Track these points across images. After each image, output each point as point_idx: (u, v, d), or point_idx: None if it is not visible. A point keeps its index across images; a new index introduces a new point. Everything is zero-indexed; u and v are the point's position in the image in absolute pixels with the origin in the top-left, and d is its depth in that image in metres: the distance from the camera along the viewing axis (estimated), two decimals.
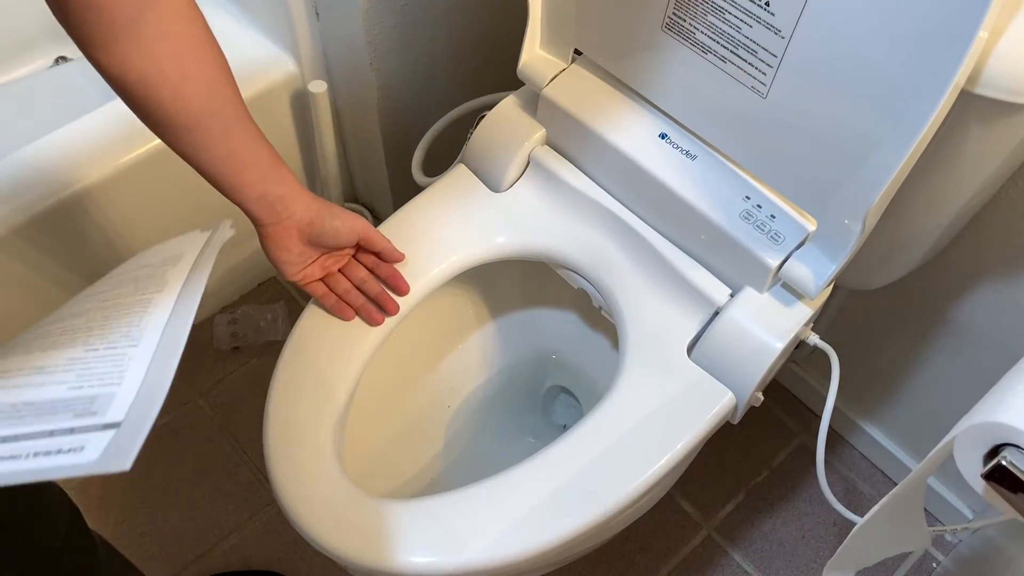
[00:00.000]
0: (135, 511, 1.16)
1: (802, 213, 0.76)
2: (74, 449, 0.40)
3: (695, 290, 0.80)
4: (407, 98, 1.13)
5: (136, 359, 0.45)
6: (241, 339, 1.30)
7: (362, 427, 0.83)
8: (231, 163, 0.69)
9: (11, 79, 1.34)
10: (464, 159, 0.91)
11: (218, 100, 0.66)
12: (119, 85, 0.62)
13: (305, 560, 1.14)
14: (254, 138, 0.70)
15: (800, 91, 0.67)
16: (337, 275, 0.80)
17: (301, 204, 0.73)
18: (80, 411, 0.43)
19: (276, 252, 0.75)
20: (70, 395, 0.44)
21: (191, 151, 0.67)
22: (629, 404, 0.77)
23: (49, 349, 0.47)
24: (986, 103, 0.61)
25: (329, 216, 0.75)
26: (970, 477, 0.52)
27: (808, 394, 1.28)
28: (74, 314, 0.50)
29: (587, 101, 0.83)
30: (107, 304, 0.50)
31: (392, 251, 0.81)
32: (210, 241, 0.56)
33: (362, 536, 0.70)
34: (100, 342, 0.47)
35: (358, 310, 0.81)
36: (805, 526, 1.20)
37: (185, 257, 0.54)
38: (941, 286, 0.95)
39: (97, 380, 0.44)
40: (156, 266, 0.53)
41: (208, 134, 0.66)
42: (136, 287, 0.51)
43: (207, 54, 0.64)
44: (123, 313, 0.49)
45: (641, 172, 0.80)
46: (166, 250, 0.56)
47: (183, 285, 0.51)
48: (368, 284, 0.81)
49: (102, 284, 0.54)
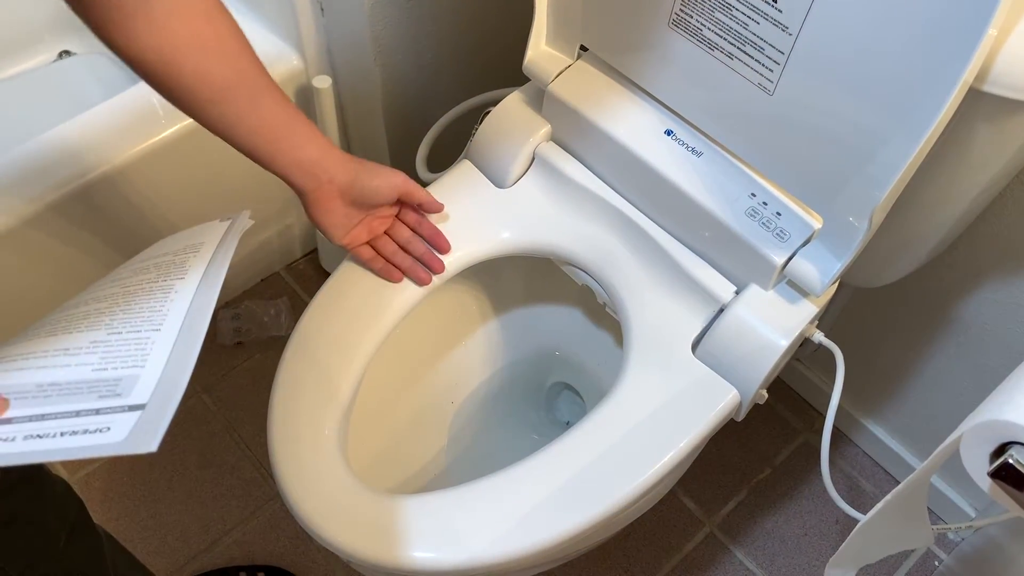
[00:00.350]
0: (138, 505, 1.17)
1: (808, 210, 0.76)
2: (100, 429, 0.41)
3: (700, 287, 0.80)
4: (412, 94, 1.13)
5: (159, 343, 0.46)
6: (244, 334, 1.30)
7: (366, 423, 0.83)
8: (263, 133, 0.69)
9: (15, 73, 1.34)
10: (469, 155, 0.91)
11: (241, 71, 0.66)
12: (139, 66, 0.62)
13: (308, 555, 1.14)
14: (283, 106, 0.70)
15: (807, 88, 0.66)
16: (383, 237, 0.81)
17: (339, 166, 0.74)
18: (105, 392, 0.43)
19: (321, 217, 0.76)
20: (95, 376, 0.44)
21: (220, 125, 0.67)
22: (633, 401, 0.77)
23: (73, 331, 0.48)
24: (994, 101, 0.61)
25: (368, 174, 0.75)
26: (976, 475, 0.52)
27: (812, 392, 1.27)
28: (96, 298, 0.51)
29: (593, 97, 0.83)
30: (129, 290, 0.51)
31: (432, 202, 0.82)
32: (230, 229, 0.57)
33: (366, 531, 0.70)
34: (123, 326, 0.48)
35: (406, 271, 0.82)
36: (808, 523, 1.20)
37: (206, 245, 0.55)
38: (946, 284, 0.95)
39: (121, 362, 0.45)
40: (177, 253, 0.54)
41: (235, 106, 0.66)
42: (158, 273, 0.52)
43: (222, 25, 0.64)
44: (145, 299, 0.50)
45: (646, 169, 0.80)
46: (187, 238, 0.57)
47: (204, 272, 0.51)
48: (413, 244, 0.82)
49: (123, 271, 0.55)
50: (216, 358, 1.29)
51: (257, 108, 0.67)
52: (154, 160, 1.05)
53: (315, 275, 1.38)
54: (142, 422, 0.41)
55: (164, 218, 1.12)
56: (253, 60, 0.67)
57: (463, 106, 1.08)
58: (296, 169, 0.72)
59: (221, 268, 0.52)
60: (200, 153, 1.08)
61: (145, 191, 1.07)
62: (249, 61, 0.66)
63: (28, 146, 0.99)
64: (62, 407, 0.42)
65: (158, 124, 1.03)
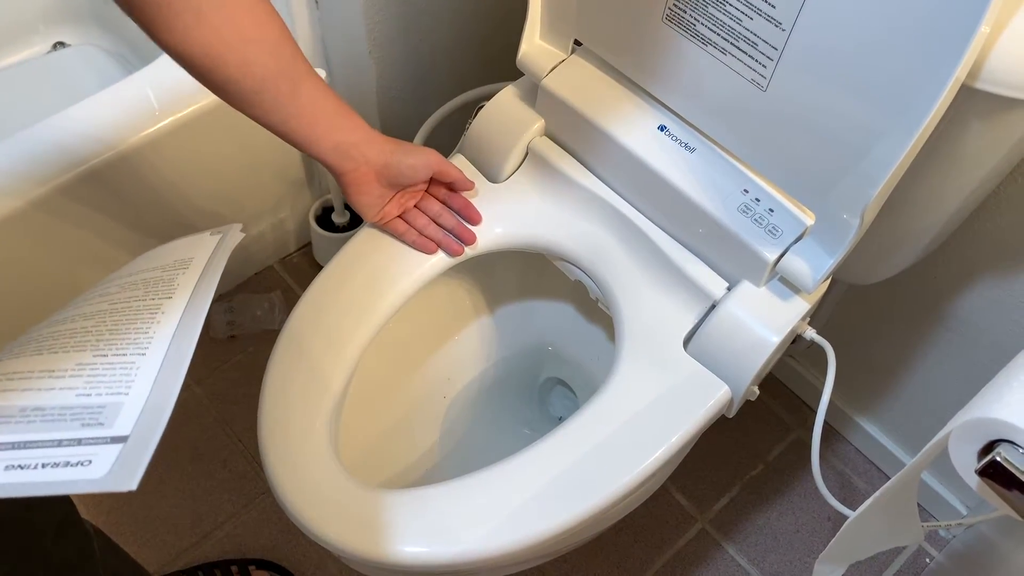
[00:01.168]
0: (129, 498, 1.16)
1: (800, 207, 0.76)
2: (82, 462, 0.40)
3: (692, 283, 0.80)
4: (406, 87, 1.13)
5: (144, 368, 0.45)
6: (237, 327, 1.30)
7: (357, 417, 0.83)
8: (302, 119, 0.71)
9: (9, 64, 1.33)
10: (462, 149, 0.90)
11: (282, 59, 0.67)
12: (185, 61, 0.63)
13: (300, 549, 1.14)
14: (320, 91, 0.71)
15: (800, 84, 0.66)
16: (414, 211, 0.83)
17: (375, 148, 0.76)
18: (88, 421, 0.42)
19: (357, 197, 0.78)
20: (78, 402, 0.43)
21: (260, 112, 0.69)
22: (625, 397, 0.77)
23: (59, 351, 0.47)
24: (986, 98, 0.60)
25: (403, 154, 0.77)
26: (965, 473, 0.52)
27: (804, 388, 1.28)
28: (84, 314, 0.50)
29: (586, 92, 0.83)
30: (116, 307, 0.50)
31: (464, 180, 0.83)
32: (220, 245, 0.57)
33: (356, 526, 0.70)
34: (109, 348, 0.47)
35: (439, 243, 0.83)
36: (799, 520, 1.20)
37: (195, 262, 0.54)
38: (938, 281, 0.95)
39: (105, 388, 0.44)
40: (166, 269, 0.54)
41: (277, 94, 0.68)
42: (146, 291, 0.51)
43: (264, 15, 0.65)
44: (132, 318, 0.49)
45: (639, 164, 0.80)
46: (177, 252, 0.56)
47: (192, 292, 0.51)
48: (444, 217, 0.83)
49: (111, 285, 0.54)
50: (209, 351, 1.29)
51: (297, 95, 0.69)
52: (148, 152, 1.04)
53: (309, 269, 1.38)
54: (123, 456, 0.40)
55: (160, 210, 1.12)
56: (293, 47, 0.69)
57: (457, 100, 1.07)
58: (333, 152, 0.74)
59: (209, 287, 0.52)
60: (195, 145, 1.08)
61: (140, 183, 1.07)
62: (290, 49, 0.68)
63: (18, 138, 0.99)
64: (45, 435, 0.41)
65: (152, 116, 1.03)
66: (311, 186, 1.32)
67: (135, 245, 1.12)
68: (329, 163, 0.75)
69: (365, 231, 0.85)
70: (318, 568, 1.13)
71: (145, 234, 1.12)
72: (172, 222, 1.15)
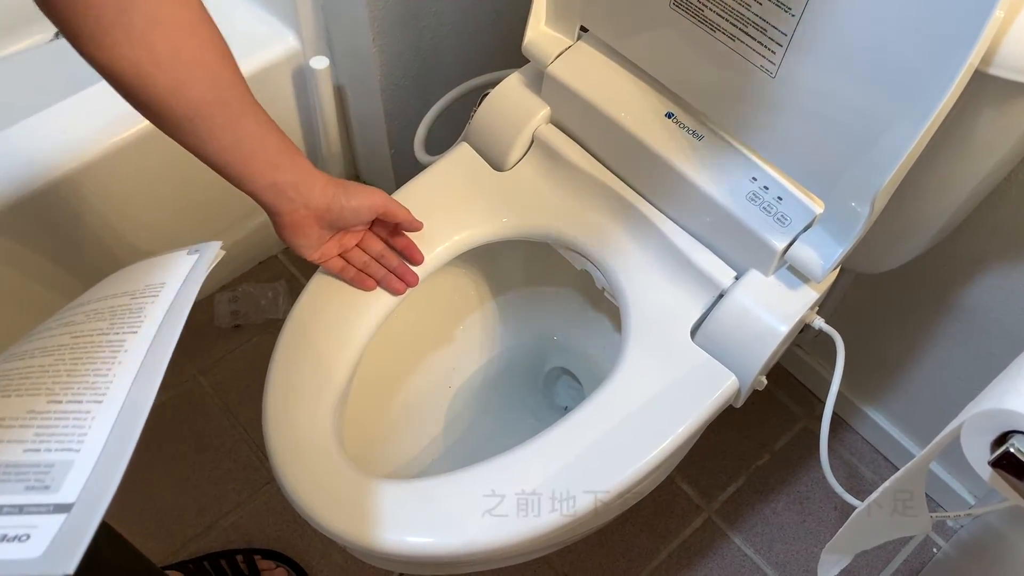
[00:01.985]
0: (133, 488, 1.16)
1: (809, 195, 0.75)
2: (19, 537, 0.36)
3: (700, 272, 0.79)
4: (410, 75, 1.12)
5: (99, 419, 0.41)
6: (242, 317, 1.30)
7: (362, 407, 0.83)
8: (237, 152, 0.65)
9: (10, 53, 1.33)
10: (467, 137, 0.90)
11: (220, 87, 0.62)
12: (112, 77, 0.59)
13: (305, 539, 1.14)
14: (261, 124, 0.67)
15: (810, 71, 0.65)
16: (355, 250, 0.79)
17: (317, 190, 0.71)
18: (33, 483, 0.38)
19: (293, 239, 0.74)
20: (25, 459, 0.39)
21: (193, 141, 0.64)
22: (631, 386, 0.76)
23: (12, 395, 0.43)
24: (1000, 84, 0.60)
25: (346, 197, 0.73)
26: (976, 464, 0.51)
27: (812, 378, 1.27)
28: (44, 349, 0.46)
29: (593, 79, 0.82)
30: (78, 341, 0.46)
31: (412, 222, 0.79)
32: (196, 267, 0.51)
33: (361, 516, 0.70)
34: (65, 392, 0.42)
35: (380, 281, 0.80)
36: (806, 510, 1.19)
37: (166, 289, 0.49)
38: (948, 270, 0.94)
39: (56, 442, 0.40)
40: (135, 295, 0.49)
41: (211, 123, 0.63)
42: (111, 322, 0.47)
43: (204, 38, 0.61)
44: (93, 356, 0.44)
45: (647, 152, 0.79)
46: (149, 273, 0.51)
47: (159, 327, 0.46)
48: (386, 257, 0.80)
49: (77, 313, 0.49)
50: (213, 341, 1.29)
51: (234, 126, 0.64)
52: (144, 144, 1.03)
53: None
54: (65, 530, 0.36)
55: (158, 200, 1.11)
56: (235, 74, 0.63)
57: (462, 88, 1.07)
58: (270, 191, 0.69)
59: (178, 320, 0.47)
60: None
61: (136, 174, 1.06)
62: (231, 76, 0.63)
63: (13, 130, 0.99)
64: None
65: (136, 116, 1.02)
66: None
67: (145, 237, 1.12)
68: (264, 202, 0.70)
69: None
70: (323, 558, 1.13)
71: (147, 226, 1.12)
72: (174, 212, 1.14)
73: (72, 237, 1.06)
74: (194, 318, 1.50)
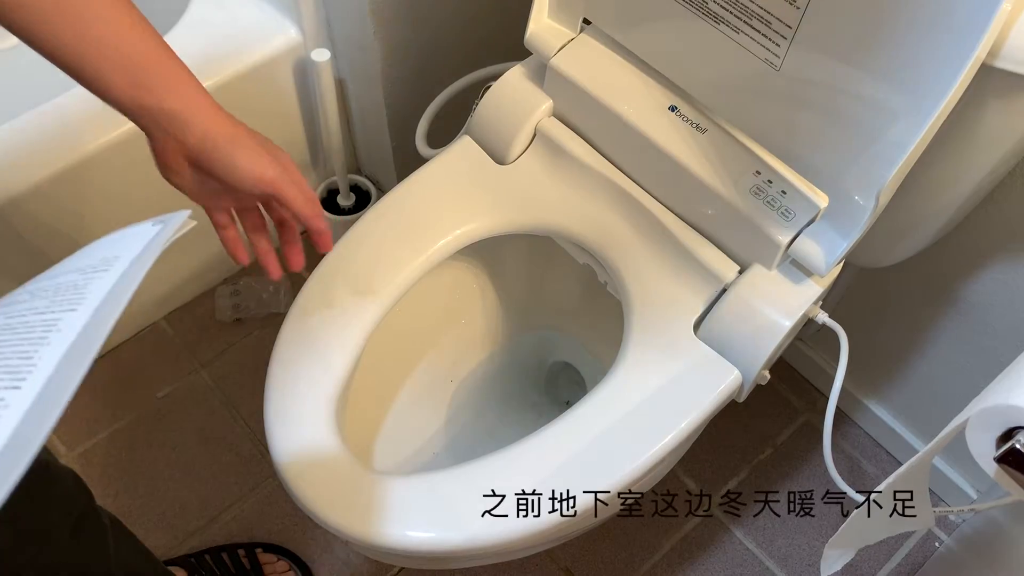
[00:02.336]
0: (137, 481, 1.16)
1: (814, 189, 0.75)
2: None
3: (703, 266, 0.79)
4: (412, 68, 1.12)
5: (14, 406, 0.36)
6: (243, 311, 1.30)
7: (363, 401, 0.83)
8: (87, 56, 0.53)
9: (10, 46, 1.32)
10: (469, 130, 0.89)
11: None
12: None
13: (307, 532, 1.14)
14: (124, 25, 0.54)
15: (814, 64, 0.65)
16: (254, 211, 0.67)
17: (196, 127, 0.57)
18: None
19: (165, 173, 0.60)
20: None
21: (27, 34, 0.53)
22: (634, 381, 0.76)
23: None
24: (1006, 77, 0.59)
25: (228, 150, 0.58)
26: (982, 460, 0.51)
27: (814, 372, 1.27)
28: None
29: (595, 72, 0.82)
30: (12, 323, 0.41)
31: (310, 216, 0.62)
32: (153, 241, 0.46)
33: (362, 511, 0.70)
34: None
35: (260, 256, 0.68)
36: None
37: (118, 263, 0.44)
38: (953, 265, 0.94)
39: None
40: (85, 271, 0.44)
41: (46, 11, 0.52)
42: (52, 300, 0.42)
43: None
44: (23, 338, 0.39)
45: (650, 145, 0.79)
46: (107, 248, 0.47)
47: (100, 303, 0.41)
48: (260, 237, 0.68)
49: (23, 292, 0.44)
50: (215, 335, 1.29)
51: (80, 23, 0.53)
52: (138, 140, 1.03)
53: (315, 252, 1.37)
54: None
55: (148, 196, 1.11)
56: None
57: (464, 80, 1.06)
58: (136, 112, 0.56)
59: (123, 295, 0.41)
60: None
61: (135, 163, 1.06)
62: None
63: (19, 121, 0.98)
64: None
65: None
66: (316, 168, 1.31)
67: None
68: (134, 121, 0.57)
69: (373, 211, 0.84)
70: (325, 551, 1.13)
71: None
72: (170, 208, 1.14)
73: (69, 235, 1.06)
74: (195, 312, 1.50)
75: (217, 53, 1.06)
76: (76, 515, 0.72)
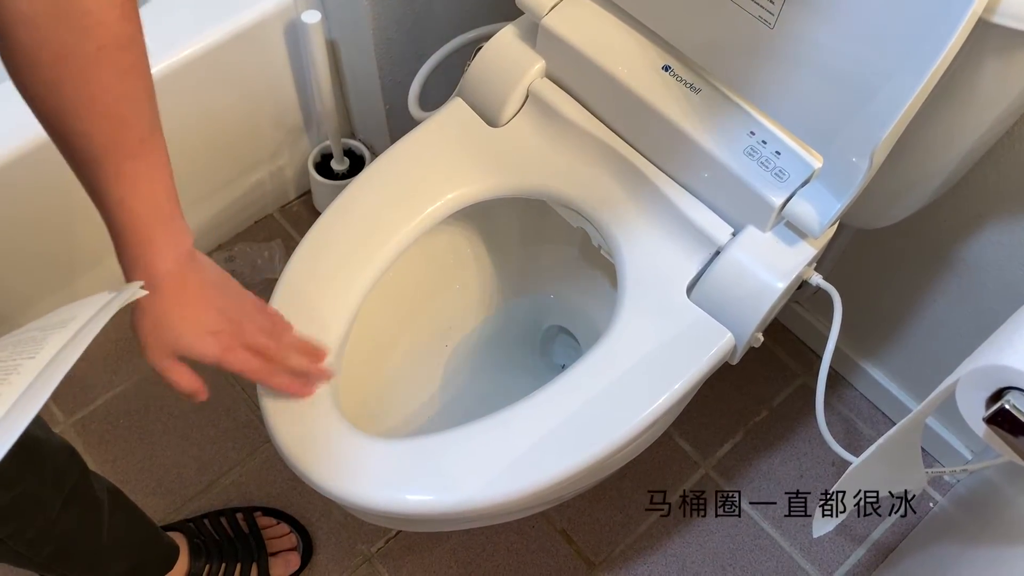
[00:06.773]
0: (134, 447, 1.17)
1: (808, 150, 0.74)
2: None
3: (696, 229, 0.78)
4: (404, 29, 1.10)
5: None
6: (238, 277, 1.29)
7: (358, 366, 0.83)
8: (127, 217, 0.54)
9: None
10: (461, 92, 0.88)
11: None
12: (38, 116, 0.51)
13: (305, 496, 1.14)
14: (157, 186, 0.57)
15: (808, 21, 0.64)
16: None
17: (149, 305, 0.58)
18: None
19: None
20: None
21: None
22: (627, 344, 0.76)
23: None
24: (1004, 33, 0.58)
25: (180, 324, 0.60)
26: (971, 420, 0.51)
27: (810, 334, 1.27)
28: None
29: (588, 31, 0.81)
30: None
31: (270, 376, 0.67)
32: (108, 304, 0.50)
33: (358, 475, 0.70)
34: None
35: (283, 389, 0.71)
36: (803, 466, 1.20)
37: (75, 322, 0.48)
38: (948, 225, 0.93)
39: None
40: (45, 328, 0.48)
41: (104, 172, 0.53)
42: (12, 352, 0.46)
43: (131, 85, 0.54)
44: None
45: (643, 105, 0.78)
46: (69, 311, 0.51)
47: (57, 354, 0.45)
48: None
49: None
50: None
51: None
52: None
53: (309, 217, 1.36)
54: None
55: None
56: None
57: (456, 42, 1.05)
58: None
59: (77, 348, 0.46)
60: (188, 92, 1.06)
61: None
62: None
63: None
64: None
65: None
66: (309, 133, 1.30)
67: None
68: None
69: (364, 176, 0.83)
70: (323, 515, 1.13)
71: None
72: None
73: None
74: None
75: (206, 16, 1.04)
76: (67, 490, 0.73)
